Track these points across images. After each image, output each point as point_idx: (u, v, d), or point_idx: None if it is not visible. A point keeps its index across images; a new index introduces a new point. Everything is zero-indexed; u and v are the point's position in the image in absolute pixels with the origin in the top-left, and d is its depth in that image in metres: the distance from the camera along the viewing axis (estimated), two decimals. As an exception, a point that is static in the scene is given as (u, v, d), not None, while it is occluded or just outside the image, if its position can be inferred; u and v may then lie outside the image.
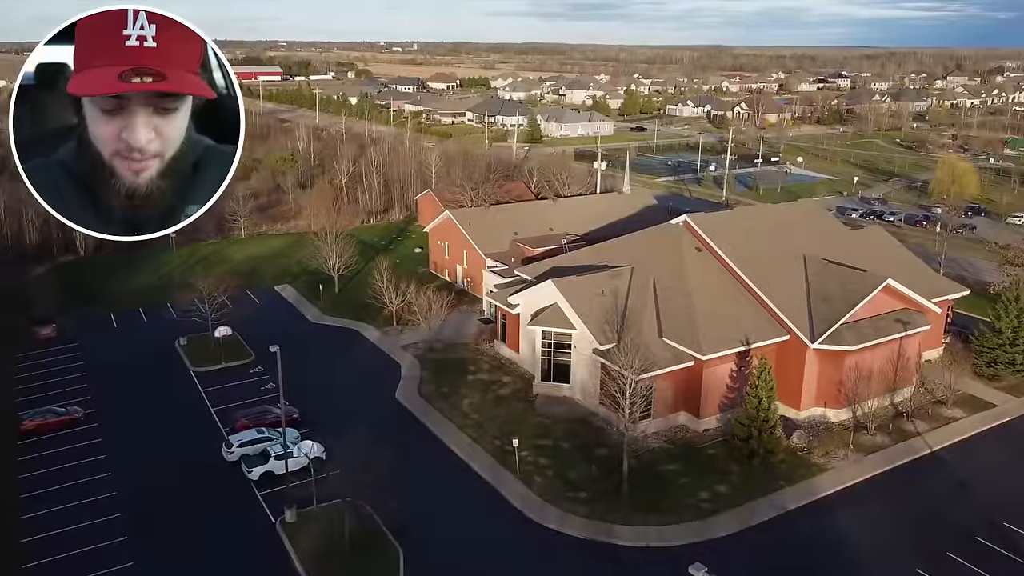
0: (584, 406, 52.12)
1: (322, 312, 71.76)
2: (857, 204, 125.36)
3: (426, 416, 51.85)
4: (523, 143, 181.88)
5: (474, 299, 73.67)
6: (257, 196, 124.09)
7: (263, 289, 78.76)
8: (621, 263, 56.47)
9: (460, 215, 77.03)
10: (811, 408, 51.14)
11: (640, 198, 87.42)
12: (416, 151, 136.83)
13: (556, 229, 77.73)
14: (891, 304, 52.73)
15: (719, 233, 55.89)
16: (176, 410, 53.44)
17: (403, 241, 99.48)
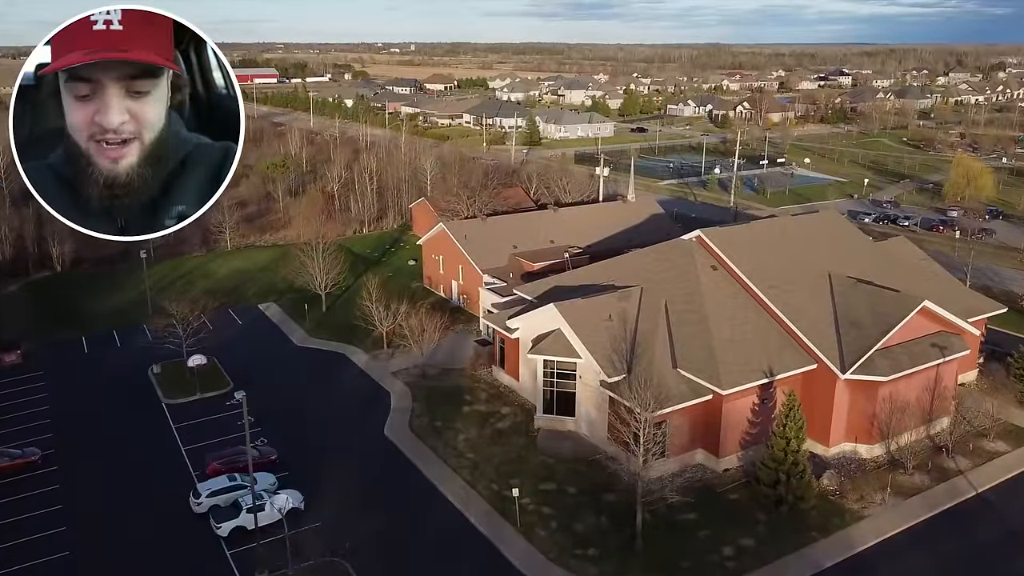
0: (590, 442, 47.51)
1: (308, 334, 67.05)
2: (869, 208, 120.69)
3: (417, 455, 47.19)
4: (522, 146, 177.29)
5: (471, 317, 69.03)
6: (246, 204, 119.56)
7: (247, 307, 74.09)
8: (629, 282, 51.85)
9: (455, 227, 72.28)
10: (841, 443, 46.50)
11: (645, 206, 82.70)
12: (412, 156, 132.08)
13: (557, 241, 73.10)
14: (925, 326, 48.09)
15: (736, 249, 51.19)
16: (144, 450, 48.78)
17: (396, 252, 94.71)
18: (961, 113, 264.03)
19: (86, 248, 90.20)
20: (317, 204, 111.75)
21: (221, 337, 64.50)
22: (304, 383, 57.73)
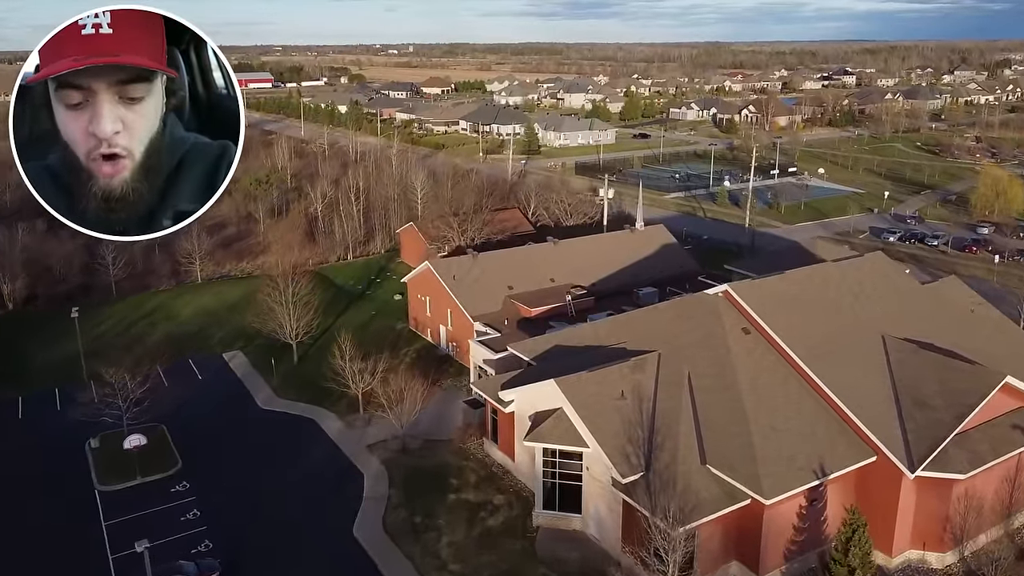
0: (600, 546, 39.39)
1: (275, 392, 58.79)
2: (892, 224, 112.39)
3: (391, 566, 38.94)
4: (520, 155, 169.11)
5: (461, 368, 60.84)
6: (225, 226, 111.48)
7: (210, 357, 65.84)
8: (644, 344, 43.65)
9: (443, 267, 63.91)
10: (907, 551, 38.30)
11: (655, 235, 74.43)
12: (403, 170, 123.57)
13: (558, 279, 64.94)
14: (1004, 404, 39.89)
15: (771, 308, 42.97)
16: (63, 560, 40.54)
17: (382, 283, 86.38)
18: (973, 114, 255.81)
19: (40, 283, 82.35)
20: (299, 227, 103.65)
21: (175, 397, 56.46)
22: (264, 460, 49.48)
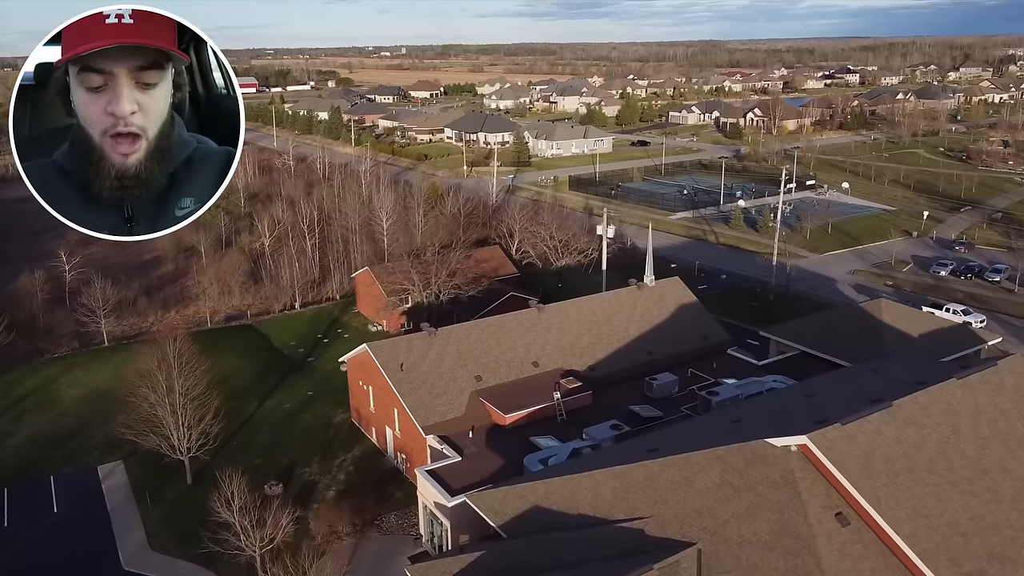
0: None
1: (149, 539, 42.19)
2: (937, 251, 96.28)
3: None
4: (508, 167, 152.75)
5: (410, 494, 44.30)
6: (160, 262, 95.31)
7: (79, 472, 48.86)
8: (672, 525, 27.44)
9: (386, 353, 46.72)
10: None
11: (670, 292, 57.79)
12: (372, 191, 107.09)
13: (543, 363, 48.61)
14: None
15: (882, 478, 26.58)
16: None
17: (330, 345, 69.59)
18: (992, 115, 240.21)
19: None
20: (239, 268, 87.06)
21: (9, 549, 40.24)
22: None
